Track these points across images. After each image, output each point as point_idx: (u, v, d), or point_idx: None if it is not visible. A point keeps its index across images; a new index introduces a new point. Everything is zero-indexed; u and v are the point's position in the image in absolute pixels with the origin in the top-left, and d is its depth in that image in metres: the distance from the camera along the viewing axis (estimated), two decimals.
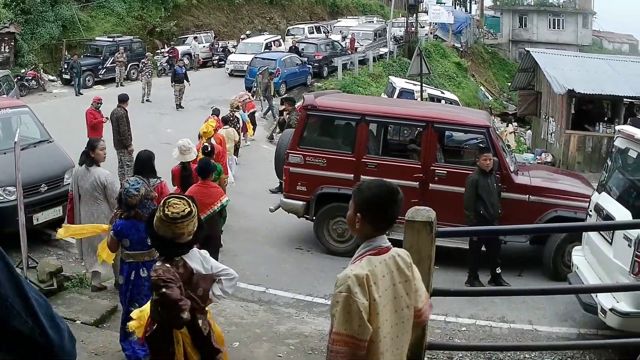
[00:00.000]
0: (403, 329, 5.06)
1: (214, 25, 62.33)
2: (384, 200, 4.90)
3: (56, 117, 28.35)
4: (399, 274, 5.01)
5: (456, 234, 13.66)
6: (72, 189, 12.98)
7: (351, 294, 4.82)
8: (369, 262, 4.97)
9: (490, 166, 14.77)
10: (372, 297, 4.79)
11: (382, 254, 4.99)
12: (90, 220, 12.24)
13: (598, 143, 33.62)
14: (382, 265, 4.96)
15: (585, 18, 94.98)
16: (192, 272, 6.75)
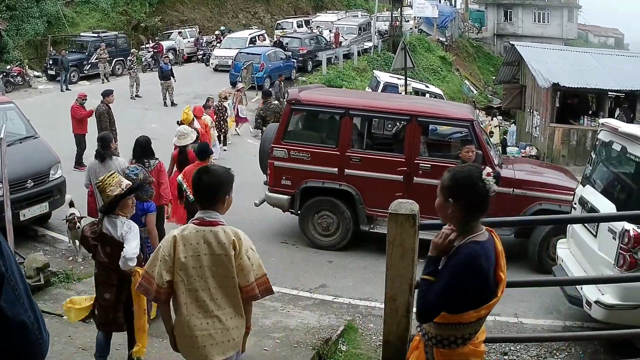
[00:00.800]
0: (211, 295, 6.15)
1: (198, 20, 62.24)
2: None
3: (42, 113, 28.33)
4: (209, 247, 6.13)
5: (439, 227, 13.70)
6: (88, 182, 14.49)
7: (161, 245, 6.20)
8: (186, 228, 6.23)
9: (473, 158, 14.81)
10: (177, 255, 6.04)
11: (203, 225, 6.17)
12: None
13: (582, 136, 33.71)
14: (196, 234, 6.12)
15: (570, 12, 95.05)
16: (102, 231, 8.20)
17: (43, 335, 3.13)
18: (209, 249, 6.12)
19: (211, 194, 6.31)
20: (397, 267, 6.42)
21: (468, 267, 5.03)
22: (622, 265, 9.91)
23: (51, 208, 16.87)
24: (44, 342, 3.14)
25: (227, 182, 6.42)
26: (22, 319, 3.01)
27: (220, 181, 6.31)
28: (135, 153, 13.93)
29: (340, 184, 16.69)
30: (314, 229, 17.08)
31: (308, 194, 16.97)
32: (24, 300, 3.03)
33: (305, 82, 44.96)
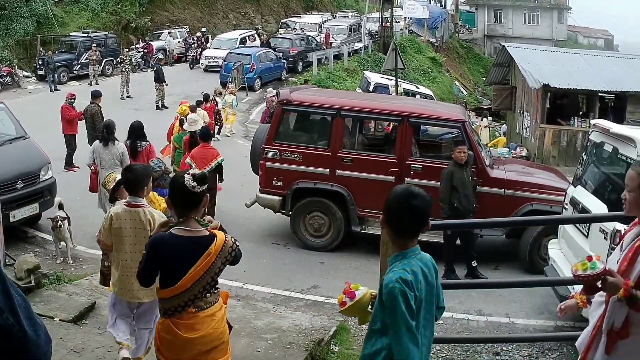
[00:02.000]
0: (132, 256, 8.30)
1: (188, 21, 62.08)
2: None
3: (31, 113, 28.23)
4: (134, 222, 8.37)
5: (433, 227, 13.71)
6: (92, 162, 16.23)
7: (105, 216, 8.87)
8: (118, 207, 8.63)
9: (465, 159, 14.84)
10: (112, 224, 8.41)
11: (130, 207, 8.38)
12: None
13: (573, 137, 33.79)
14: (124, 213, 8.41)
15: (560, 13, 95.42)
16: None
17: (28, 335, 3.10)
18: (133, 224, 8.36)
19: (134, 185, 8.42)
20: None
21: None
22: None
23: (41, 209, 16.79)
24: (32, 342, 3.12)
25: (146, 176, 8.61)
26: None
27: (140, 176, 8.49)
28: (129, 135, 16.88)
29: (331, 184, 16.68)
30: (305, 230, 17.06)
31: (299, 195, 16.96)
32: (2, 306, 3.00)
33: (295, 83, 44.97)
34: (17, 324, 3.05)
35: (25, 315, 3.15)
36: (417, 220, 5.29)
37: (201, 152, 17.00)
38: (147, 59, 50.65)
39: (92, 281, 12.82)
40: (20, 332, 3.06)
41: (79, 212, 17.07)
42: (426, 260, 5.25)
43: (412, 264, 5.09)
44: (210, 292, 6.40)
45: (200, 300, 6.31)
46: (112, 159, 15.94)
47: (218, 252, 6.26)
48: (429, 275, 5.16)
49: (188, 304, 6.27)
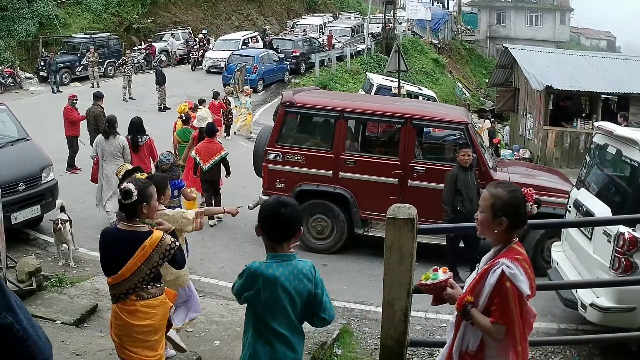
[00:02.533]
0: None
1: (191, 22, 62.08)
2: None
3: (33, 115, 28.23)
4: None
5: (437, 231, 13.71)
6: (95, 154, 17.53)
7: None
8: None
9: (469, 161, 14.78)
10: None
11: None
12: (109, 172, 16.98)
13: (576, 139, 33.71)
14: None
15: (562, 14, 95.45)
16: None
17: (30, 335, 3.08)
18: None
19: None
20: (395, 272, 6.38)
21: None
22: (617, 268, 9.90)
23: (43, 211, 16.75)
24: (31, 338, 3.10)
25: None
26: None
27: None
28: (130, 130, 18.22)
29: (334, 187, 16.65)
30: (308, 232, 17.00)
31: (302, 197, 16.89)
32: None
33: (298, 85, 44.92)
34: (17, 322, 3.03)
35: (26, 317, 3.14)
36: (281, 227, 5.67)
37: (206, 146, 18.30)
38: (150, 60, 50.66)
39: (94, 284, 12.80)
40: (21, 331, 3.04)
41: (81, 214, 17.05)
42: (298, 268, 5.62)
43: (270, 265, 5.62)
44: (152, 284, 7.22)
45: (141, 290, 7.14)
46: (113, 152, 17.22)
47: (154, 246, 7.03)
48: (293, 282, 5.55)
49: (130, 292, 7.12)
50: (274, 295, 5.55)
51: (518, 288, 5.36)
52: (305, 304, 5.65)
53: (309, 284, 5.62)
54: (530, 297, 5.51)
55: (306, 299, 5.63)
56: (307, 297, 5.63)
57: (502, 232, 5.61)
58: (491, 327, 5.36)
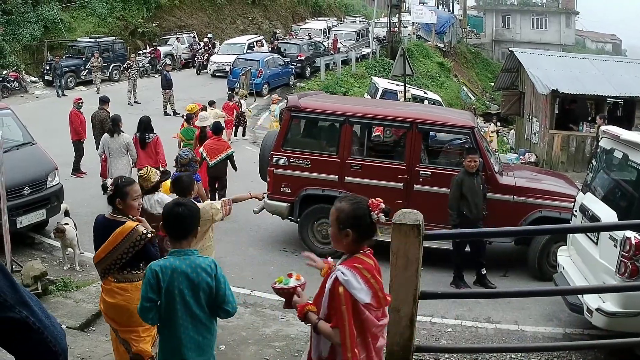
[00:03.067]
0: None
1: (196, 26, 62.10)
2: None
3: (38, 119, 28.25)
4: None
5: (444, 237, 13.68)
6: (102, 152, 19.11)
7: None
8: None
9: (475, 167, 14.74)
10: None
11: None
12: (117, 167, 18.50)
13: (582, 143, 33.68)
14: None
15: (568, 18, 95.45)
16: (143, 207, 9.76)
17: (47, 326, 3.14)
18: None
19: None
20: (401, 278, 6.36)
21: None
22: (623, 273, 9.87)
23: (48, 215, 16.75)
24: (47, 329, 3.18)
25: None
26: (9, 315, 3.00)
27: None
28: (139, 128, 19.40)
29: (340, 191, 16.57)
30: (313, 237, 17.00)
31: (308, 202, 16.91)
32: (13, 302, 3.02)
33: (303, 89, 44.91)
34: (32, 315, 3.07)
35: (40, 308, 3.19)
36: (178, 225, 6.39)
37: (213, 144, 19.21)
38: (155, 64, 50.67)
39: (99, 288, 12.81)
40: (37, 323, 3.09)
41: (85, 218, 17.00)
42: (196, 263, 6.26)
43: (169, 261, 6.26)
44: (127, 270, 8.07)
45: (116, 272, 8.05)
46: (119, 148, 18.79)
47: (124, 234, 7.88)
48: (192, 274, 6.19)
49: (106, 272, 8.10)
50: (175, 286, 6.18)
51: (352, 295, 5.46)
52: (209, 297, 6.26)
53: (208, 277, 6.21)
54: (373, 306, 5.57)
55: (208, 292, 6.23)
56: (208, 290, 6.23)
57: (350, 244, 5.74)
58: (331, 332, 5.52)
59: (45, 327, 3.15)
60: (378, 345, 5.81)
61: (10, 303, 3.02)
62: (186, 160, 14.52)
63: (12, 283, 3.09)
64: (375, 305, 5.59)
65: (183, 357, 6.29)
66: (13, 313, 3.02)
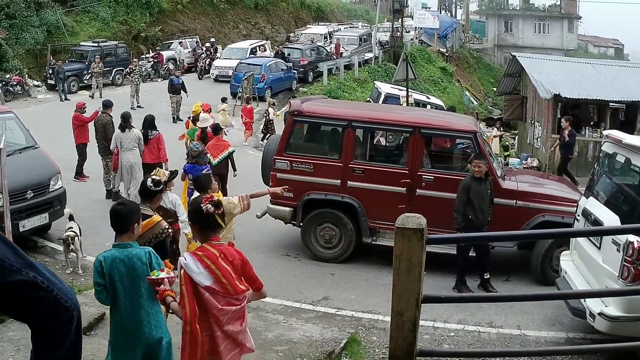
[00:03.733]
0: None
1: (199, 31, 62.08)
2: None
3: (41, 122, 28.26)
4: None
5: (447, 241, 13.68)
6: (115, 146, 20.31)
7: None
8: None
9: (480, 173, 14.70)
10: None
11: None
12: (129, 159, 19.93)
13: (584, 147, 33.57)
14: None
15: (570, 22, 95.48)
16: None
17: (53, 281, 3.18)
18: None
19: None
20: (404, 282, 6.35)
21: None
22: (626, 277, 9.89)
23: (51, 219, 16.79)
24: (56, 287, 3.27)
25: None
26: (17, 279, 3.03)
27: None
28: (143, 125, 21.15)
29: (342, 196, 16.62)
30: (316, 241, 17.02)
31: (310, 206, 16.92)
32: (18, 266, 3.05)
33: (306, 93, 44.89)
34: (40, 275, 3.12)
35: (47, 270, 3.26)
36: (117, 221, 7.61)
37: (215, 143, 19.75)
38: (158, 68, 50.64)
39: None
40: (46, 282, 3.13)
41: (89, 222, 17.07)
42: (132, 254, 7.35)
43: (111, 252, 7.43)
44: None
45: None
46: (130, 142, 20.10)
47: (150, 226, 8.92)
48: (128, 262, 7.31)
49: None
50: (115, 272, 7.33)
51: (191, 277, 6.63)
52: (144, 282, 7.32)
53: (143, 265, 7.32)
54: (217, 290, 6.67)
55: (143, 275, 7.32)
56: (142, 273, 7.32)
57: (199, 235, 7.05)
58: (177, 309, 6.86)
59: (54, 284, 3.27)
60: (231, 329, 6.80)
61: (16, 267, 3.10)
62: (196, 152, 16.61)
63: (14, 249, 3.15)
64: (220, 290, 6.67)
65: (126, 330, 7.38)
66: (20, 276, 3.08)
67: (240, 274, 6.87)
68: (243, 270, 6.92)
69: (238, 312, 6.85)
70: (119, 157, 20.20)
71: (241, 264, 6.87)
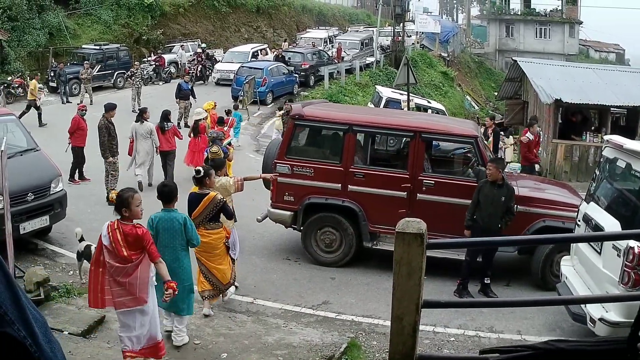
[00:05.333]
0: None
1: (200, 34, 62.06)
2: None
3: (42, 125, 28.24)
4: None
5: (447, 246, 13.66)
6: (131, 135, 23.17)
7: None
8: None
9: (492, 176, 14.65)
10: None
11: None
12: (143, 147, 23.03)
13: (585, 152, 33.60)
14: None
15: (571, 27, 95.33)
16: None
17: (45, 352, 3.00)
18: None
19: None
20: (404, 287, 6.34)
21: None
22: (626, 283, 9.89)
23: (51, 221, 16.80)
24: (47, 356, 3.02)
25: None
26: (6, 331, 2.89)
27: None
28: (160, 119, 24.10)
29: (343, 200, 16.62)
30: (316, 246, 17.01)
31: (311, 210, 16.91)
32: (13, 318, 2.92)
33: (307, 97, 44.84)
34: (31, 337, 2.95)
35: (42, 331, 3.06)
36: (162, 197, 11.11)
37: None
38: (159, 72, 50.55)
39: None
40: (35, 347, 2.96)
41: (89, 225, 17.04)
42: (172, 216, 10.95)
43: (159, 214, 10.99)
44: (212, 222, 12.78)
45: (205, 224, 12.70)
46: (144, 133, 23.06)
47: (209, 200, 12.60)
48: (169, 222, 10.85)
49: (199, 224, 12.46)
50: (160, 227, 10.85)
51: (101, 236, 9.84)
52: (181, 234, 10.85)
53: (179, 224, 10.83)
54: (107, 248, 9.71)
55: (179, 231, 10.84)
56: (179, 230, 10.82)
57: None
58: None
59: (43, 352, 3.00)
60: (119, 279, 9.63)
61: (10, 318, 2.87)
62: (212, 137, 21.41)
63: (15, 297, 2.94)
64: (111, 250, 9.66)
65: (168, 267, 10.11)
66: (11, 330, 2.90)
67: (133, 246, 9.65)
68: (137, 242, 9.64)
69: (125, 269, 9.61)
70: (134, 144, 23.07)
71: (134, 239, 9.65)
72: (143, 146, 23.12)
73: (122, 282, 9.55)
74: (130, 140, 23.20)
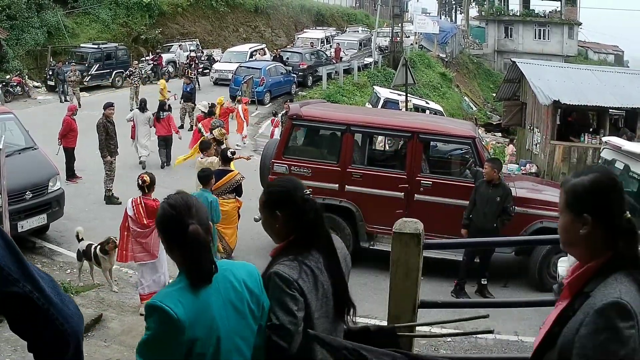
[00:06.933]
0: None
1: (199, 34, 62.03)
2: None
3: (41, 123, 28.24)
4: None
5: (444, 246, 13.65)
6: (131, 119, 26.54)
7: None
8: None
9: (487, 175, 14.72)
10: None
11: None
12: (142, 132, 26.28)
13: (583, 154, 33.54)
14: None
15: (570, 29, 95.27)
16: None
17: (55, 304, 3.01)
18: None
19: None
20: (401, 287, 6.36)
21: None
22: None
23: (49, 220, 16.83)
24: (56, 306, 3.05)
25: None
26: (13, 290, 2.91)
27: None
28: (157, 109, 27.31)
29: (340, 200, 16.62)
30: None
31: None
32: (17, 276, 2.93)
33: (305, 97, 44.78)
34: (38, 291, 2.96)
35: (50, 285, 3.07)
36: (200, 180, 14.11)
37: (209, 122, 25.92)
38: (157, 71, 50.48)
39: (99, 293, 12.88)
40: (42, 299, 2.97)
41: (86, 224, 17.03)
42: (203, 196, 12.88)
43: (197, 192, 12.90)
44: (229, 195, 15.90)
45: (224, 195, 15.66)
46: (144, 120, 26.28)
47: (231, 177, 15.85)
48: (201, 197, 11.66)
49: (220, 195, 15.17)
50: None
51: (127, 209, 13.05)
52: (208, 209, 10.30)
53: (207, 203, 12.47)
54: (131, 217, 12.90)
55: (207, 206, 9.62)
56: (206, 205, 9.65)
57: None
58: None
59: (52, 304, 3.02)
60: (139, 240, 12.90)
61: (14, 277, 2.93)
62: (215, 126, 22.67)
63: (18, 258, 2.97)
64: (134, 218, 12.84)
65: None
66: (17, 287, 2.89)
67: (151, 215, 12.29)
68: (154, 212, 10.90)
69: (143, 232, 12.83)
70: (135, 129, 26.31)
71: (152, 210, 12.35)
72: (142, 131, 26.43)
73: (142, 242, 12.93)
74: (132, 124, 26.55)
